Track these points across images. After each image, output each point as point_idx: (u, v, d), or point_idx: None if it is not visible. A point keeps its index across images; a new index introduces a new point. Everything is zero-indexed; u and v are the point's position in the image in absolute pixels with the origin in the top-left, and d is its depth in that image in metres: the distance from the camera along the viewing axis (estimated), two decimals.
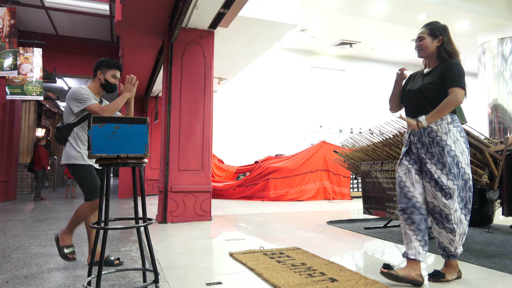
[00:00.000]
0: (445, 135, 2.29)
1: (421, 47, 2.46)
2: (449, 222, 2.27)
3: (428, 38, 2.44)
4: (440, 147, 2.27)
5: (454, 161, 2.27)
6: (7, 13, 6.36)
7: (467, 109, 4.33)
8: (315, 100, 12.73)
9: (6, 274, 2.61)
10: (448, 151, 2.27)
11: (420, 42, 2.46)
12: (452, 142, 2.28)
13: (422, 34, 2.47)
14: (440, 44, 2.43)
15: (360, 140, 4.78)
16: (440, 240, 2.36)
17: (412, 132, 2.42)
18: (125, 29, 5.27)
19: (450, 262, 2.39)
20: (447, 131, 2.29)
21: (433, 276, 2.36)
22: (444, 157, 2.26)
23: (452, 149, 2.28)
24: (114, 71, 2.97)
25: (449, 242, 2.31)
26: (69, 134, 2.83)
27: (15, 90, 7.67)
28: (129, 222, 4.23)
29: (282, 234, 4.06)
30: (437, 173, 2.26)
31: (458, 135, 2.31)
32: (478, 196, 4.41)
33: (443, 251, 2.38)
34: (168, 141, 4.94)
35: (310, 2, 7.45)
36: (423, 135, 2.35)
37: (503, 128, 7.79)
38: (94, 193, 2.74)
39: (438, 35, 2.44)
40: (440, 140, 2.28)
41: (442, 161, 2.26)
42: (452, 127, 2.31)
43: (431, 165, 2.29)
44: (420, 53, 2.49)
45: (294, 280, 2.29)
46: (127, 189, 9.40)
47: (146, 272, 2.27)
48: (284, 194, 8.23)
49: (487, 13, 7.55)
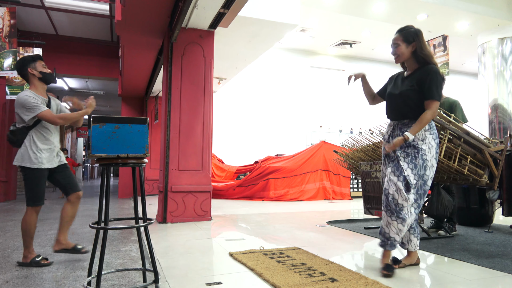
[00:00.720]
0: (421, 141, 2.54)
1: (396, 54, 2.63)
2: (402, 213, 2.50)
3: (403, 45, 2.59)
4: (416, 150, 2.53)
5: (423, 164, 2.53)
6: (7, 13, 6.36)
7: (467, 109, 4.33)
8: (315, 100, 12.72)
9: (6, 274, 2.61)
10: (421, 154, 2.53)
11: (395, 48, 2.62)
12: (427, 147, 2.55)
13: (397, 40, 2.61)
14: (414, 50, 2.57)
15: (360, 140, 4.78)
16: (386, 230, 2.56)
17: (392, 135, 2.69)
18: (125, 29, 5.27)
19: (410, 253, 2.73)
20: (423, 137, 2.55)
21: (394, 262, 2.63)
22: (417, 159, 2.52)
23: (426, 154, 2.54)
24: (40, 61, 3.05)
25: (397, 232, 2.52)
26: (25, 137, 2.87)
27: (15, 90, 7.68)
28: (129, 222, 4.23)
29: (282, 234, 4.06)
30: (407, 171, 2.50)
31: (433, 142, 2.58)
32: (478, 196, 4.42)
33: (387, 240, 2.56)
34: (168, 141, 4.94)
35: (310, 2, 7.44)
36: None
37: (503, 128, 7.79)
38: (38, 199, 2.84)
39: (412, 40, 2.57)
40: (416, 144, 2.54)
41: (414, 162, 2.52)
42: (428, 134, 2.57)
43: (404, 163, 2.52)
44: (396, 60, 2.68)
45: (294, 280, 2.29)
46: (127, 189, 9.40)
47: (146, 272, 2.27)
48: (284, 194, 8.23)
49: (487, 13, 7.54)
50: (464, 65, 13.56)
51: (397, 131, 2.65)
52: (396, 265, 2.62)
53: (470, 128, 3.35)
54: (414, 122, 2.55)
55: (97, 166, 13.68)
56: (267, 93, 12.18)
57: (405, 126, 2.61)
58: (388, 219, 2.54)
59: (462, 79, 14.36)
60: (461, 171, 3.15)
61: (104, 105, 16.12)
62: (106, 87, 12.03)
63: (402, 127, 2.62)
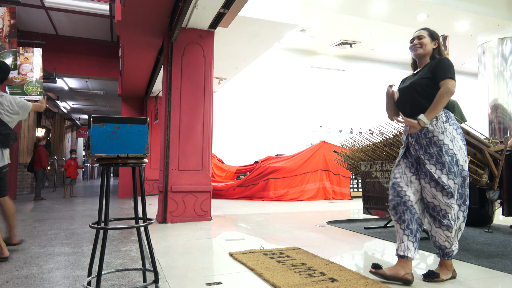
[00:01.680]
0: (442, 134, 2.29)
1: (421, 45, 2.48)
2: (446, 220, 2.28)
3: (428, 38, 2.50)
4: (438, 147, 2.28)
5: (453, 159, 2.27)
6: (7, 13, 6.36)
7: (467, 109, 4.33)
8: (315, 100, 12.72)
9: (6, 274, 2.61)
10: (446, 150, 2.27)
11: (420, 40, 2.49)
12: (449, 140, 2.29)
13: (422, 33, 2.52)
14: (436, 47, 2.51)
15: (360, 140, 4.78)
16: (436, 239, 2.36)
17: (410, 134, 2.42)
18: (125, 29, 5.27)
19: (445, 262, 2.39)
20: (443, 130, 2.30)
21: (428, 276, 2.35)
22: (443, 156, 2.26)
23: (450, 148, 2.28)
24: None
25: (446, 239, 2.32)
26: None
27: (15, 90, 7.67)
28: (129, 222, 4.24)
29: (282, 234, 4.06)
30: (437, 173, 2.26)
31: (455, 133, 2.32)
32: (478, 196, 4.41)
33: (439, 250, 2.39)
34: (168, 141, 4.94)
35: (310, 2, 7.45)
36: (420, 137, 2.35)
37: (503, 128, 7.79)
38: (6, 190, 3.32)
39: (436, 38, 2.53)
40: (437, 140, 2.29)
41: (441, 161, 2.26)
42: (448, 126, 2.31)
43: (431, 166, 2.28)
44: (418, 51, 2.49)
45: (294, 280, 2.29)
46: (127, 189, 9.40)
47: (146, 272, 2.27)
48: (284, 194, 8.23)
49: (487, 13, 7.55)
50: (464, 65, 13.57)
51: None
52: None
53: (470, 128, 3.34)
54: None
55: (97, 166, 13.71)
56: (267, 93, 12.19)
57: None
58: (433, 226, 2.35)
59: (462, 79, 14.36)
60: None
61: (104, 105, 16.13)
62: (106, 87, 12.04)
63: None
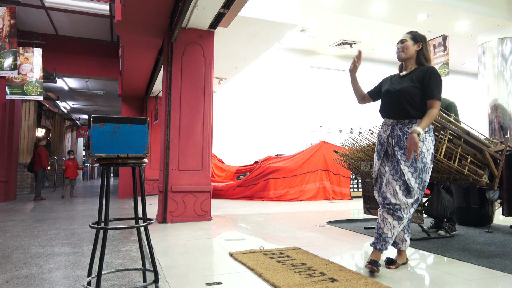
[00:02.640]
0: (422, 142, 2.51)
1: (403, 49, 2.68)
2: (400, 212, 2.51)
3: (410, 41, 2.67)
4: (416, 153, 2.48)
5: (425, 167, 2.53)
6: (7, 13, 6.36)
7: (467, 109, 4.34)
8: (315, 100, 12.72)
9: (6, 274, 2.61)
10: (421, 157, 2.51)
11: (403, 43, 2.68)
12: (426, 150, 2.53)
13: (405, 37, 2.70)
14: (420, 49, 2.66)
15: (360, 140, 4.78)
16: (381, 225, 2.56)
17: (391, 135, 2.63)
18: (125, 29, 5.26)
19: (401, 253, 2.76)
20: (423, 139, 2.53)
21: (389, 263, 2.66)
22: (418, 162, 2.50)
23: (425, 157, 2.53)
24: None
25: (390, 228, 2.52)
26: None
27: (15, 90, 7.67)
28: (129, 222, 4.24)
29: (282, 234, 4.06)
30: (408, 175, 2.49)
31: (431, 144, 2.57)
32: (478, 196, 4.41)
33: (380, 236, 2.56)
34: (168, 141, 4.94)
35: (310, 2, 7.44)
36: (402, 139, 2.55)
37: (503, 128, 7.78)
38: None
39: (419, 40, 2.68)
40: (415, 156, 2.49)
41: (414, 165, 2.50)
42: (427, 136, 2.55)
43: (405, 167, 2.50)
44: (401, 55, 2.70)
45: (294, 280, 2.29)
46: (127, 189, 9.40)
47: (146, 272, 2.27)
48: (284, 194, 8.23)
49: (487, 13, 7.54)
50: (464, 65, 13.56)
51: (397, 131, 2.59)
52: (392, 265, 2.64)
53: (470, 128, 3.34)
54: (414, 121, 2.55)
55: (97, 166, 13.72)
56: (267, 93, 12.19)
57: (405, 125, 2.57)
58: (384, 214, 2.56)
59: (462, 79, 14.37)
60: (461, 171, 3.15)
61: (104, 105, 16.13)
62: (106, 87, 12.04)
63: (402, 127, 2.58)
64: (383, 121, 2.78)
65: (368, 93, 2.96)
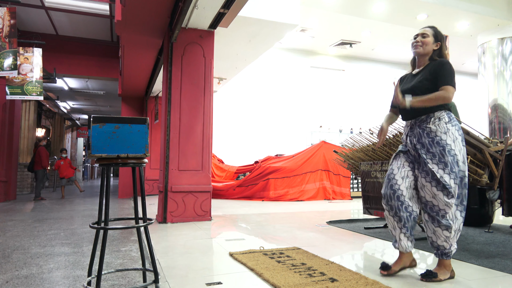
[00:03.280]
0: (445, 134, 2.31)
1: (422, 43, 2.47)
2: (445, 219, 2.30)
3: (431, 38, 2.48)
4: (441, 147, 2.30)
5: (455, 159, 2.30)
6: (7, 13, 6.36)
7: (467, 109, 4.34)
8: (315, 100, 12.72)
9: (6, 274, 2.61)
10: (449, 150, 2.29)
11: (424, 38, 2.47)
12: (452, 141, 2.31)
13: (427, 32, 2.49)
14: (437, 49, 2.48)
15: (360, 140, 4.78)
16: (434, 239, 2.36)
17: (410, 134, 2.46)
18: (125, 29, 5.27)
19: (443, 262, 2.38)
20: (446, 130, 2.32)
21: (426, 276, 2.35)
22: (446, 156, 2.28)
23: (452, 148, 2.30)
24: None
25: (445, 239, 2.32)
26: None
27: (15, 90, 7.67)
28: (129, 222, 4.24)
29: (282, 234, 4.06)
30: (440, 173, 2.28)
31: (457, 134, 2.34)
32: (478, 196, 4.41)
33: (437, 250, 2.39)
34: (168, 141, 4.94)
35: (310, 2, 7.44)
36: (423, 136, 2.37)
37: (503, 128, 7.79)
38: None
39: (439, 39, 2.50)
40: (440, 140, 2.31)
41: (443, 161, 2.28)
42: (450, 126, 2.34)
43: (433, 165, 2.30)
44: (418, 49, 2.48)
45: (294, 280, 2.29)
46: (127, 189, 9.40)
47: (146, 272, 2.27)
48: (284, 194, 8.23)
49: (487, 13, 7.54)
50: (464, 65, 13.56)
51: (416, 128, 2.42)
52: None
53: (470, 128, 3.34)
54: (432, 115, 2.36)
55: (97, 166, 13.70)
56: (267, 93, 12.19)
57: (423, 122, 2.39)
58: (431, 226, 2.35)
59: (462, 79, 14.35)
60: None
61: (104, 105, 16.13)
62: (106, 87, 12.04)
63: (421, 123, 2.40)
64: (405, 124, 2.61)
65: (391, 107, 2.70)
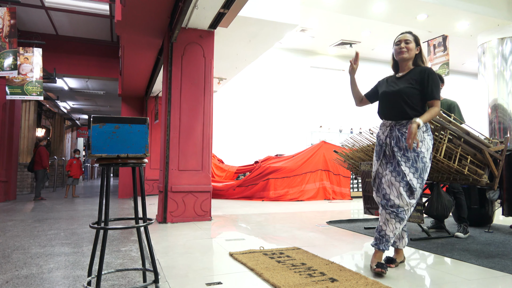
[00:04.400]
0: (421, 143, 2.52)
1: (407, 49, 2.65)
2: (401, 214, 2.52)
3: (413, 43, 2.67)
4: (416, 153, 2.51)
5: (425, 167, 2.54)
6: (7, 13, 6.36)
7: (467, 109, 4.34)
8: (315, 100, 12.72)
9: (6, 274, 2.61)
10: (422, 157, 2.52)
11: (407, 44, 2.65)
12: (426, 149, 2.54)
13: (409, 38, 2.68)
14: (419, 53, 2.69)
15: (360, 140, 4.78)
16: (384, 228, 2.56)
17: (389, 136, 2.63)
18: (125, 29, 5.26)
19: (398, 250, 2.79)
20: (422, 139, 2.53)
21: (389, 262, 2.67)
22: (418, 162, 2.51)
23: (425, 156, 2.54)
24: None
25: (393, 230, 2.54)
26: None
27: (15, 90, 7.67)
28: (129, 222, 4.24)
29: (282, 234, 4.06)
30: (409, 176, 2.50)
31: (430, 144, 2.58)
32: (478, 196, 4.41)
33: (382, 238, 2.56)
34: (168, 141, 4.94)
35: (310, 2, 7.44)
36: (401, 140, 2.55)
37: (503, 128, 7.78)
38: None
39: (419, 44, 2.70)
40: (416, 147, 2.50)
41: (415, 166, 2.50)
42: (426, 136, 2.56)
43: (405, 168, 2.51)
44: (404, 55, 2.66)
45: (294, 280, 2.29)
46: (127, 189, 9.40)
47: (146, 272, 2.27)
48: (284, 194, 8.23)
49: (487, 13, 7.54)
50: (464, 65, 13.56)
51: (395, 132, 2.60)
52: (392, 264, 2.65)
53: (470, 128, 3.34)
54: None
55: (97, 166, 13.72)
56: (267, 93, 12.18)
57: (403, 126, 2.58)
58: (386, 216, 2.54)
59: (462, 79, 14.36)
60: (461, 171, 3.15)
61: (104, 105, 16.13)
62: (106, 87, 12.04)
63: (401, 127, 2.59)
64: (381, 122, 2.79)
65: (365, 96, 2.98)
